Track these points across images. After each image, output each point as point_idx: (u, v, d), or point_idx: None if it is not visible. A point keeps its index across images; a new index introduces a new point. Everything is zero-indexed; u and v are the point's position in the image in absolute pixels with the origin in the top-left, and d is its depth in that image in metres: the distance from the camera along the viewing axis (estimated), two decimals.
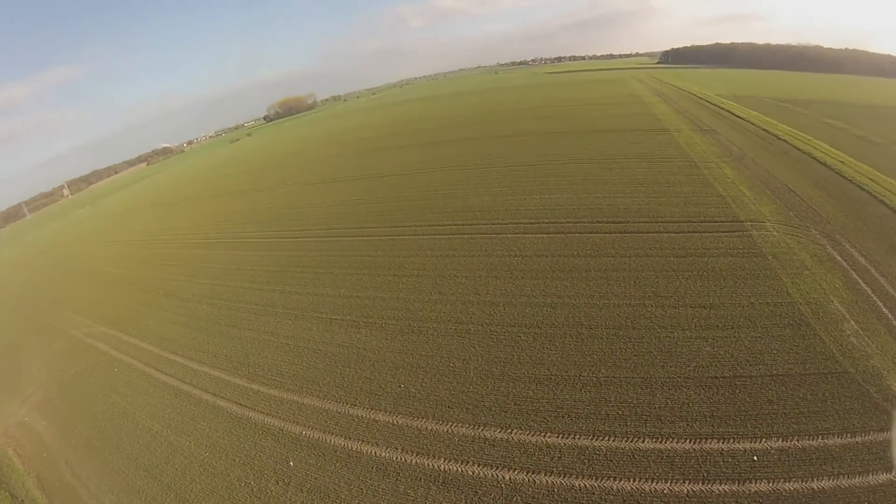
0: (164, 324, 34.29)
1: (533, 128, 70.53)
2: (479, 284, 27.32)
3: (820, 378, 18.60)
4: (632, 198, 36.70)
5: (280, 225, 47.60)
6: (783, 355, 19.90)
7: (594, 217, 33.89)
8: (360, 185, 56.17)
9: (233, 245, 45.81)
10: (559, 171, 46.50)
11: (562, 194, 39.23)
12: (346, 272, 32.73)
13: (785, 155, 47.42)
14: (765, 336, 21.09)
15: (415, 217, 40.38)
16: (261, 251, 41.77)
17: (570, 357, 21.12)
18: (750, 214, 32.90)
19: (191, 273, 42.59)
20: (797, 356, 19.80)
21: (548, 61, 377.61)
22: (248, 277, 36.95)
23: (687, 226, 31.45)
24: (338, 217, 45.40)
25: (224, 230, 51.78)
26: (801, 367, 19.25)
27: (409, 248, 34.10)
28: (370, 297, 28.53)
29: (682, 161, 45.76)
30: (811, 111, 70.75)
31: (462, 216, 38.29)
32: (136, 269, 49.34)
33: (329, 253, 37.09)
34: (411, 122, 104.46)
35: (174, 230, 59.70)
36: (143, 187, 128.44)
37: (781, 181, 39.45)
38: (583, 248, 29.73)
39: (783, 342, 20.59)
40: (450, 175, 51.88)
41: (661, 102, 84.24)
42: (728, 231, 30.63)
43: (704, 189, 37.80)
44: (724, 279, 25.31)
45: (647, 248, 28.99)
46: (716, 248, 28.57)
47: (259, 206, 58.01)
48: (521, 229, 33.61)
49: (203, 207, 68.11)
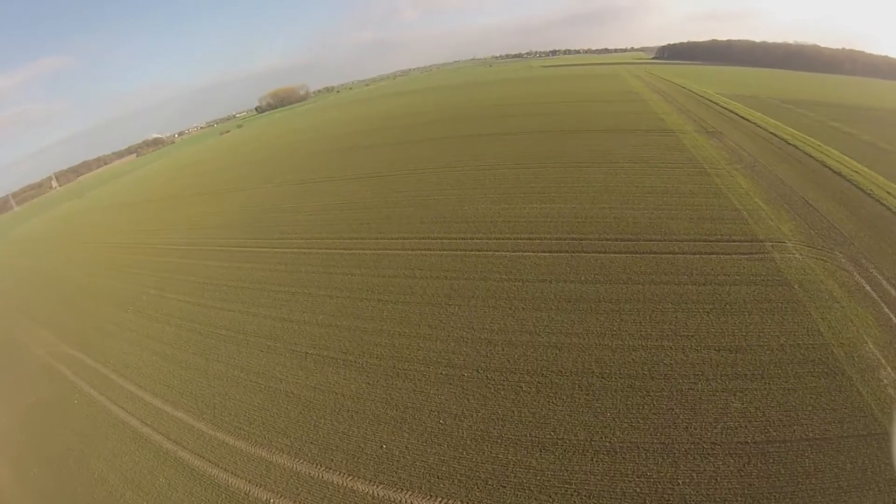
0: (130, 347, 30.76)
1: (530, 125, 66.43)
2: (474, 316, 23.75)
3: (859, 442, 15.71)
4: (640, 210, 33.22)
5: (259, 231, 43.57)
6: (819, 413, 16.88)
7: (601, 232, 30.36)
8: (346, 186, 52.07)
9: (207, 254, 41.82)
10: (560, 175, 42.80)
11: (564, 203, 35.59)
12: (325, 294, 28.99)
13: (798, 163, 44.13)
14: (798, 388, 18.00)
15: (403, 227, 36.55)
16: (236, 262, 37.86)
17: (579, 416, 17.77)
18: (769, 233, 29.62)
19: (162, 285, 38.74)
20: (834, 413, 16.80)
21: (542, 54, 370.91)
22: (219, 295, 33.16)
23: (703, 246, 28.07)
24: (320, 224, 41.45)
25: (200, 235, 47.72)
26: (838, 427, 16.31)
27: (396, 266, 30.35)
28: (351, 328, 24.87)
29: (690, 167, 42.32)
30: (816, 113, 67.52)
31: (455, 227, 34.55)
32: (108, 277, 45.54)
33: (308, 268, 33.25)
34: (403, 117, 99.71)
35: (151, 233, 55.49)
36: (129, 182, 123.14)
37: (798, 193, 36.19)
38: (590, 271, 26.24)
39: (818, 396, 17.55)
40: (442, 177, 47.95)
41: (661, 100, 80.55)
42: (748, 253, 27.33)
43: (718, 201, 34.42)
44: (750, 314, 22.05)
45: (661, 272, 25.59)
46: (737, 273, 25.27)
47: (239, 208, 53.83)
48: (520, 246, 29.99)
49: (183, 207, 63.70)
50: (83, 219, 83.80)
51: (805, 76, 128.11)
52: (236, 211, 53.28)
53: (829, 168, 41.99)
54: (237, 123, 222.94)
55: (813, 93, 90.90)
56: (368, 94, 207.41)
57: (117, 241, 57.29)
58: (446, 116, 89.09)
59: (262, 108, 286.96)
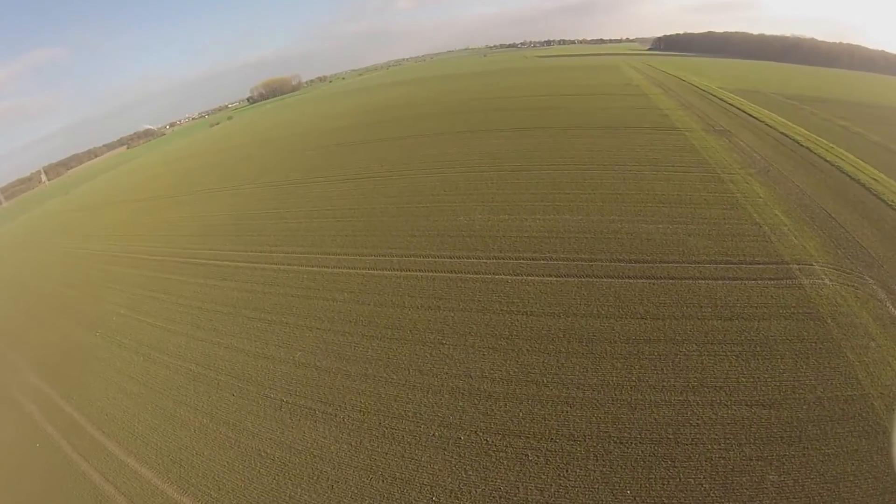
0: (96, 381, 27.44)
1: (528, 121, 62.43)
2: (472, 360, 20.49)
3: None
4: (654, 223, 29.98)
5: (237, 241, 39.74)
6: (861, 483, 14.16)
7: (613, 252, 27.09)
8: (332, 189, 48.20)
9: (182, 267, 38.18)
10: (563, 180, 39.33)
11: (570, 214, 32.19)
12: (304, 324, 25.51)
13: (812, 167, 40.99)
14: (839, 454, 15.14)
15: (392, 241, 32.94)
16: (211, 279, 34.29)
17: (596, 493, 14.79)
18: (795, 253, 26.55)
19: (134, 304, 35.27)
20: (876, 484, 14.08)
21: (537, 44, 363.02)
22: (192, 319, 29.73)
23: (726, 269, 24.95)
24: (302, 235, 37.71)
25: (177, 244, 43.97)
26: (880, 499, 13.66)
27: (384, 291, 26.86)
28: (331, 371, 21.54)
29: (702, 171, 39.08)
30: (822, 111, 64.20)
31: (449, 243, 31.06)
32: (82, 292, 42.03)
33: (287, 290, 29.68)
34: (394, 109, 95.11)
35: (129, 239, 51.61)
36: (113, 179, 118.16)
37: (818, 204, 33.13)
38: (603, 301, 23.03)
39: (859, 463, 14.74)
40: (434, 180, 44.27)
41: (663, 94, 76.89)
42: (774, 278, 24.26)
43: (736, 213, 31.25)
44: (783, 357, 19.07)
45: (683, 303, 22.47)
46: (765, 304, 22.23)
47: (219, 212, 50.00)
48: (523, 268, 26.63)
49: (163, 210, 59.64)
50: (63, 221, 79.53)
51: (804, 70, 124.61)
52: (216, 215, 49.47)
53: (847, 174, 38.87)
54: (227, 115, 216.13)
55: (815, 88, 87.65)
56: (361, 85, 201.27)
57: (95, 248, 53.40)
58: (439, 110, 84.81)
59: (253, 99, 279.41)
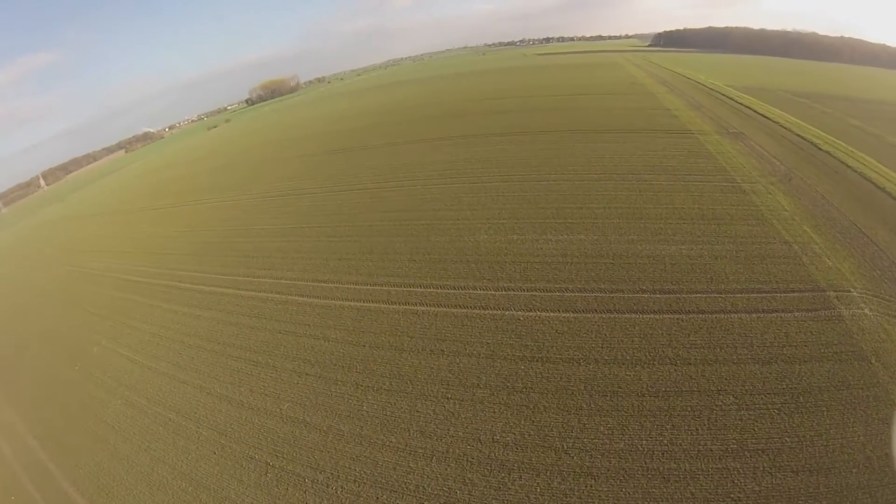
0: (71, 426, 24.77)
1: (531, 123, 59.24)
2: (481, 420, 17.57)
3: None
4: (677, 244, 27.13)
5: (224, 263, 36.60)
6: None
7: (635, 280, 24.20)
8: (326, 201, 45.15)
9: (167, 292, 35.35)
10: (574, 191, 36.24)
11: (585, 234, 29.23)
12: (293, 369, 22.57)
13: (835, 174, 38.09)
14: None
15: (388, 267, 29.68)
16: (195, 307, 31.43)
17: None
18: (830, 277, 23.82)
19: (115, 333, 32.57)
20: None
21: (535, 42, 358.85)
22: (173, 356, 26.97)
23: (760, 300, 22.16)
24: (293, 258, 34.45)
25: (165, 263, 41.08)
26: None
27: (380, 330, 23.68)
28: (322, 429, 18.71)
29: (721, 180, 36.21)
30: (833, 109, 61.20)
31: (453, 270, 27.97)
32: (65, 317, 39.26)
33: (275, 324, 26.51)
34: (391, 112, 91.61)
35: (116, 256, 48.75)
36: (110, 184, 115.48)
37: (847, 217, 30.32)
38: (627, 342, 20.24)
39: None
40: (434, 192, 41.18)
41: (669, 93, 73.80)
42: (811, 308, 21.57)
43: (764, 230, 28.43)
44: (829, 409, 16.55)
45: (716, 344, 19.71)
46: (805, 343, 19.56)
47: (210, 227, 47.07)
48: (536, 302, 23.61)
49: (152, 222, 56.83)
50: (53, 233, 76.68)
51: (807, 65, 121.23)
52: (205, 230, 46.61)
53: (871, 182, 36.00)
54: (225, 118, 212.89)
55: (822, 84, 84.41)
56: (359, 86, 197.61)
57: (81, 265, 50.64)
58: (438, 112, 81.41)
59: (252, 101, 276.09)
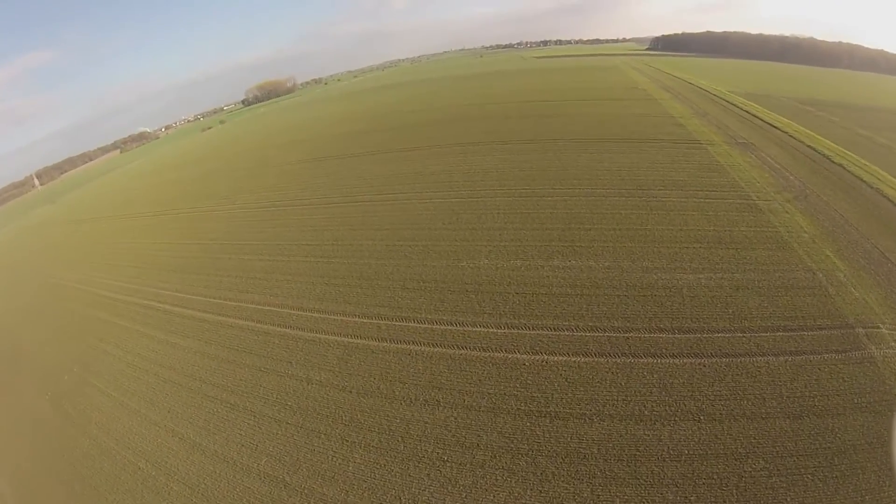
0: (36, 469, 22.45)
1: (531, 130, 56.78)
2: (483, 489, 14.83)
3: None
4: (695, 272, 24.84)
5: (207, 281, 33.74)
6: None
7: (652, 315, 21.70)
8: (314, 215, 42.31)
9: (145, 314, 32.57)
10: (581, 209, 33.58)
11: (595, 260, 26.73)
12: (273, 416, 19.76)
13: (852, 190, 36.06)
14: None
15: (379, 295, 26.66)
16: (172, 334, 28.50)
17: None
18: (857, 310, 21.80)
19: (88, 360, 30.09)
20: None
21: (533, 44, 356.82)
22: (146, 391, 24.45)
23: (786, 339, 20.03)
24: (278, 280, 31.38)
25: (145, 279, 38.33)
26: None
27: (370, 372, 20.98)
28: (304, 492, 16.09)
29: (735, 196, 34.12)
30: (840, 118, 59.45)
31: (451, 301, 25.00)
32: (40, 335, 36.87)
33: (256, 360, 23.70)
34: (387, 117, 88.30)
35: (97, 269, 46.05)
36: (101, 187, 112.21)
37: (868, 240, 28.25)
38: (646, 393, 17.84)
39: None
40: (431, 207, 38.46)
41: (672, 99, 71.79)
42: (841, 349, 19.59)
43: (785, 256, 26.25)
44: (864, 472, 14.50)
45: (742, 393, 17.59)
46: (836, 391, 17.52)
47: (194, 240, 44.34)
48: (543, 342, 20.77)
49: (137, 232, 54.03)
50: (38, 239, 73.69)
51: (807, 70, 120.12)
52: (189, 244, 43.84)
53: (889, 199, 33.94)
54: (220, 119, 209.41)
55: (825, 91, 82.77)
56: (355, 88, 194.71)
57: (60, 276, 47.88)
58: (436, 117, 78.54)
59: (248, 102, 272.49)
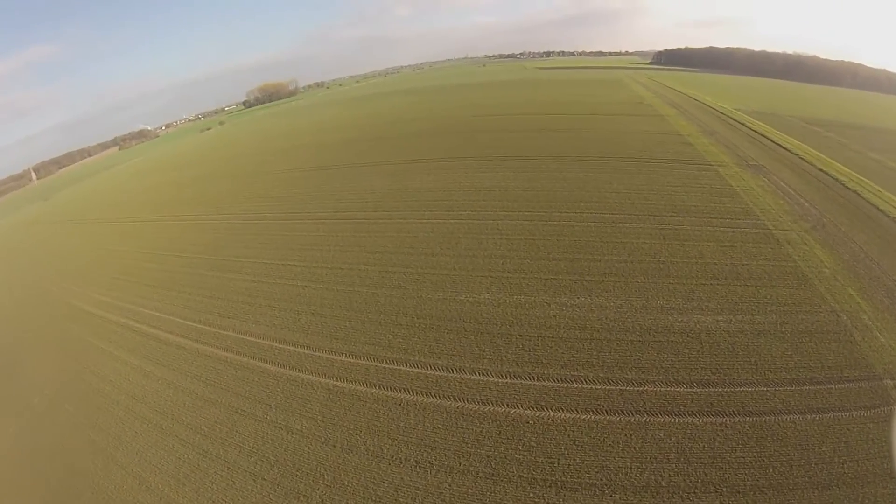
0: None
1: (538, 146, 54.86)
2: None
3: None
4: (713, 313, 23.01)
5: (189, 301, 31.52)
6: None
7: (668, 365, 19.72)
8: (304, 231, 40.07)
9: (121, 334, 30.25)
10: (590, 237, 31.38)
11: (606, 297, 24.55)
12: (249, 469, 17.50)
13: (868, 219, 34.50)
14: None
15: (369, 331, 24.32)
16: (148, 361, 26.16)
17: None
18: (885, 359, 20.26)
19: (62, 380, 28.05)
20: None
21: (536, 55, 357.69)
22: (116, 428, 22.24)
23: (813, 394, 18.38)
24: (262, 304, 29.10)
25: (128, 295, 35.96)
26: None
27: (356, 424, 18.79)
28: None
29: (750, 225, 32.49)
30: (848, 139, 58.29)
31: (447, 342, 22.59)
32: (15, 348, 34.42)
33: (233, 400, 21.51)
34: (387, 125, 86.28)
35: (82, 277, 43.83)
36: (96, 184, 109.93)
37: (889, 275, 26.75)
38: (663, 459, 15.99)
39: None
40: (428, 228, 36.02)
41: (679, 116, 70.52)
42: (870, 406, 17.92)
43: (806, 294, 24.55)
44: None
45: (768, 461, 15.83)
46: (866, 456, 15.81)
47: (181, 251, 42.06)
48: (549, 396, 18.64)
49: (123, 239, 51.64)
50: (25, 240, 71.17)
51: (811, 89, 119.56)
52: (174, 256, 41.23)
53: None
54: (220, 120, 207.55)
55: (832, 111, 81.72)
56: (357, 93, 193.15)
57: (40, 284, 45.64)
58: (437, 127, 76.91)
59: (249, 103, 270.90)
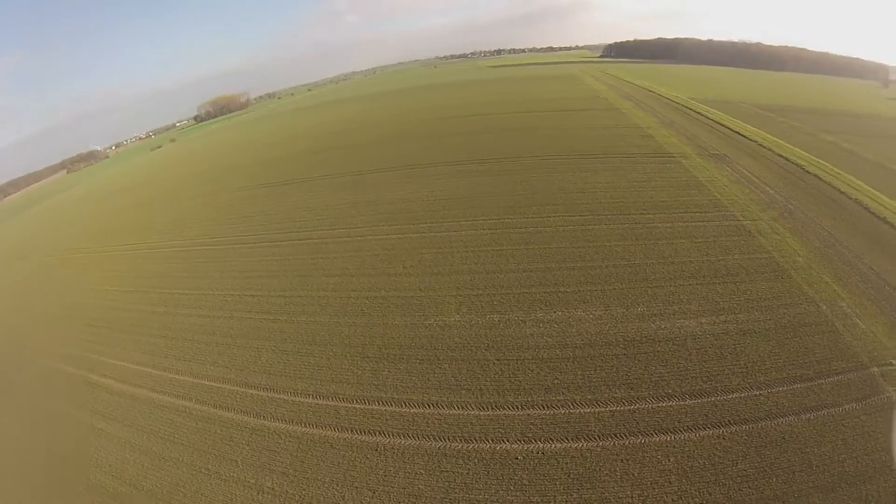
0: None
1: (498, 148, 52.63)
2: None
3: None
4: (695, 316, 21.93)
5: (139, 345, 27.86)
6: None
7: (657, 378, 18.54)
8: (259, 256, 36.42)
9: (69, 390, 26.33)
10: (560, 242, 29.85)
11: (583, 308, 22.97)
12: None
13: (832, 202, 34.80)
14: None
15: (335, 368, 21.78)
16: (96, 415, 22.43)
17: None
18: (868, 346, 19.87)
19: None
20: None
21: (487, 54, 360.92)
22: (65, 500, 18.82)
23: (805, 392, 17.90)
24: (218, 343, 26.09)
25: (69, 339, 31.54)
26: None
27: (330, 478, 16.51)
28: None
29: (720, 217, 31.94)
30: (801, 123, 60.01)
31: (418, 372, 20.58)
32: None
33: (193, 457, 18.88)
34: (338, 135, 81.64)
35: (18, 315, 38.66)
36: (37, 215, 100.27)
37: (861, 258, 26.75)
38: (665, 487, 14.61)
39: None
40: (388, 243, 33.44)
41: (636, 108, 70.77)
42: (860, 397, 17.53)
43: (785, 287, 23.94)
44: None
45: (770, 471, 14.94)
46: (864, 451, 15.32)
47: (128, 286, 37.74)
48: (537, 425, 16.95)
49: (65, 274, 46.42)
50: None
51: (757, 75, 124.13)
52: (120, 291, 37.03)
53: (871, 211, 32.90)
54: (171, 137, 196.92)
55: (781, 96, 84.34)
56: (308, 102, 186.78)
57: None
58: (391, 134, 72.79)
59: (201, 118, 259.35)
